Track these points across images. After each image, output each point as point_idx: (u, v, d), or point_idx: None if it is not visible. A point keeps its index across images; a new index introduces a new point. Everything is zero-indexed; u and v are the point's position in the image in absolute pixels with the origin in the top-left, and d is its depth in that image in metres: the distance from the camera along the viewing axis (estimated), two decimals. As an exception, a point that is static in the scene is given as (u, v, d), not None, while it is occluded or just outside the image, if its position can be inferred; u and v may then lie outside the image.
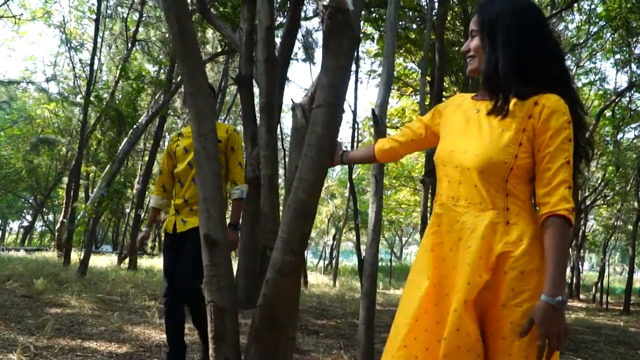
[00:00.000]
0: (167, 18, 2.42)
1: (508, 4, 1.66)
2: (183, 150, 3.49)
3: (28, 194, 24.48)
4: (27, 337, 4.23)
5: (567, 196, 1.50)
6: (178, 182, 3.48)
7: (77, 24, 20.18)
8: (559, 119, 1.53)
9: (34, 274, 8.47)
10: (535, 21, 1.64)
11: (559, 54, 1.66)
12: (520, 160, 1.57)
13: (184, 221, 3.38)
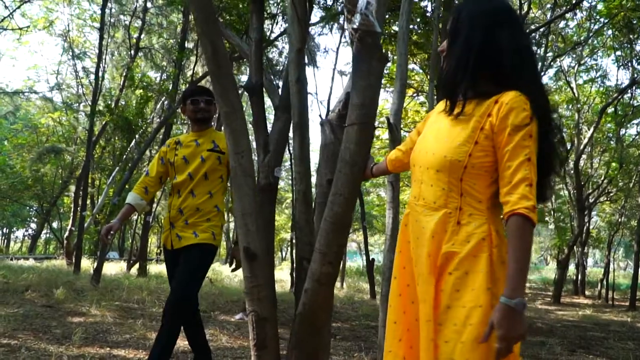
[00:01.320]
0: (201, 41, 2.55)
1: (474, 6, 1.67)
2: (183, 160, 3.31)
3: (34, 203, 24.60)
4: (57, 347, 4.36)
5: (527, 194, 1.45)
6: (176, 193, 3.30)
7: (79, 32, 20.34)
8: (517, 115, 1.50)
9: (50, 283, 8.60)
10: (499, 22, 1.61)
11: (525, 53, 1.61)
12: (475, 158, 1.55)
13: (179, 237, 3.21)
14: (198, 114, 3.35)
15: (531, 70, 1.59)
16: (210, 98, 3.37)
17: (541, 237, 39.75)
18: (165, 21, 17.99)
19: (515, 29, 1.62)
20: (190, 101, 3.36)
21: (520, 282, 1.44)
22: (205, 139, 3.34)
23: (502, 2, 1.67)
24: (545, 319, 10.06)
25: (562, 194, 20.24)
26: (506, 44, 1.58)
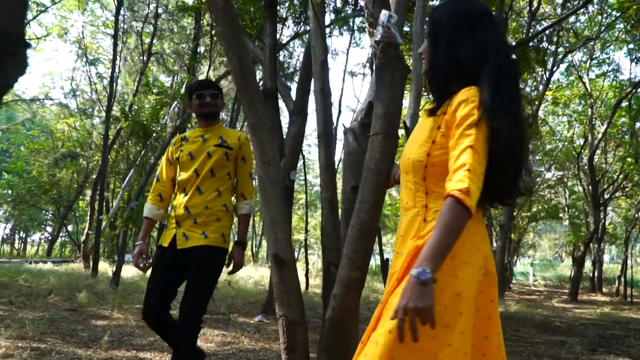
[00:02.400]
0: (228, 55, 2.64)
1: (450, 7, 1.70)
2: (188, 156, 3.10)
3: (50, 207, 24.91)
4: (85, 350, 4.47)
5: (463, 178, 1.42)
6: (182, 191, 3.08)
7: (93, 39, 20.57)
8: (465, 108, 1.51)
9: (71, 287, 8.75)
10: (467, 24, 1.63)
11: (489, 53, 1.60)
12: (434, 157, 1.58)
13: (185, 236, 2.97)
14: (204, 109, 3.13)
15: (493, 70, 1.57)
16: (217, 92, 3.16)
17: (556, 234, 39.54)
18: (176, 26, 18.17)
19: (484, 31, 1.63)
20: (195, 96, 3.15)
21: (432, 255, 1.41)
22: (212, 134, 3.13)
23: (473, 5, 1.68)
24: (563, 317, 10.07)
25: (577, 190, 20.18)
26: (470, 45, 1.61)
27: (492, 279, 1.57)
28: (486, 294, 1.55)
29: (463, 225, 1.43)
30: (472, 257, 1.52)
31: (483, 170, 1.46)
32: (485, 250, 1.56)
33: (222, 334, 5.73)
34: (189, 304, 2.85)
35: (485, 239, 1.59)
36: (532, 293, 19.32)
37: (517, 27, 13.34)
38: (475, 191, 1.42)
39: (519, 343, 6.43)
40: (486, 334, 1.55)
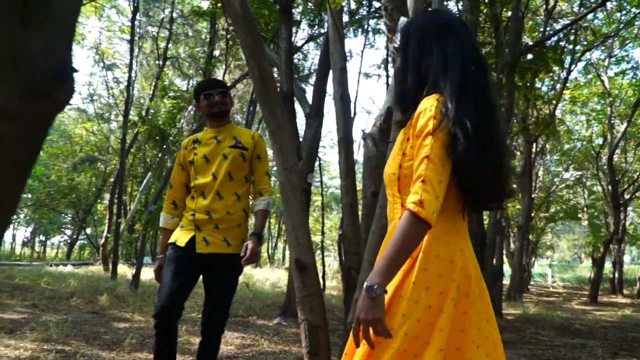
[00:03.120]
0: (248, 63, 2.68)
1: (419, 21, 1.74)
2: (203, 159, 3.02)
3: (69, 210, 25.26)
4: (109, 353, 4.55)
5: (417, 190, 1.45)
6: (200, 195, 2.99)
7: (109, 44, 20.83)
8: (422, 118, 1.52)
9: (92, 290, 8.88)
10: (439, 35, 1.65)
11: (467, 62, 1.61)
12: (404, 169, 1.59)
13: (206, 241, 2.90)
14: (214, 109, 3.02)
15: (457, 79, 1.57)
16: (224, 89, 3.06)
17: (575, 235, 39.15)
18: (191, 30, 18.34)
19: (451, 42, 1.63)
20: (203, 96, 3.05)
21: (382, 269, 1.44)
22: (225, 135, 3.05)
23: (442, 18, 1.71)
24: (583, 319, 9.98)
25: (596, 190, 19.97)
26: (436, 57, 1.62)
27: (467, 290, 1.55)
28: (460, 308, 1.54)
29: (419, 236, 1.45)
30: (445, 269, 1.52)
31: (442, 177, 1.47)
32: (460, 261, 1.55)
33: (241, 337, 5.78)
34: (215, 313, 2.87)
35: (463, 248, 1.58)
36: (550, 295, 19.16)
37: (534, 25, 13.26)
38: (430, 201, 1.43)
39: (539, 346, 6.40)
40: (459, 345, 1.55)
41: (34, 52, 0.69)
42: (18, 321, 5.69)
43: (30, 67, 0.69)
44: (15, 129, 0.68)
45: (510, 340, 6.70)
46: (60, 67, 0.71)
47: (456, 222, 1.58)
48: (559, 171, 21.56)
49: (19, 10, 0.67)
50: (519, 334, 7.29)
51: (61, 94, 0.72)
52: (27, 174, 0.74)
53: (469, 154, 1.48)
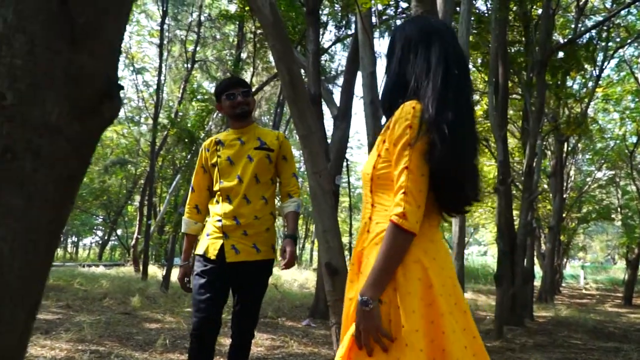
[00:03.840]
0: (278, 68, 2.71)
1: (404, 28, 1.74)
2: (227, 162, 2.91)
3: (101, 212, 25.75)
4: (142, 354, 4.63)
5: (399, 201, 1.50)
6: (225, 199, 2.88)
7: (138, 48, 21.19)
8: (399, 127, 1.55)
9: (124, 290, 9.05)
10: (422, 41, 1.66)
11: (449, 68, 1.61)
12: (378, 170, 1.62)
13: (235, 249, 2.80)
14: (237, 109, 2.92)
15: (440, 86, 1.58)
16: (247, 89, 2.96)
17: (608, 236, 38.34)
18: (218, 33, 18.53)
19: (434, 48, 1.64)
20: (225, 96, 2.95)
21: (374, 282, 1.51)
22: (249, 135, 2.95)
23: (426, 23, 1.72)
24: (617, 322, 9.78)
25: (630, 190, 19.52)
26: (418, 63, 1.63)
27: (435, 290, 1.56)
28: (434, 307, 1.55)
29: (403, 247, 1.51)
30: (411, 271, 1.55)
31: (422, 187, 1.51)
32: (426, 262, 1.56)
33: (271, 338, 5.82)
34: (245, 320, 2.82)
35: (425, 252, 1.58)
36: (583, 297, 18.81)
37: (565, 22, 13.04)
38: (412, 211, 1.48)
39: (572, 350, 6.29)
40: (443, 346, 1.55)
41: (84, 71, 0.72)
42: (53, 322, 5.83)
43: (81, 86, 0.72)
44: (67, 145, 0.71)
45: (541, 343, 6.60)
46: (107, 84, 0.74)
47: (423, 226, 1.56)
48: (591, 171, 21.13)
49: (70, 32, 0.70)
50: (550, 337, 7.18)
51: (108, 110, 0.75)
52: (77, 189, 0.77)
53: (447, 161, 1.51)
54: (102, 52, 0.75)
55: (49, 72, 0.70)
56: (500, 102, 8.34)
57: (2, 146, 0.68)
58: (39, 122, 0.70)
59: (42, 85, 0.70)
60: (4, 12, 0.71)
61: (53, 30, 0.71)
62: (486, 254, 46.88)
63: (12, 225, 0.68)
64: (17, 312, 0.69)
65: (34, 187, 0.70)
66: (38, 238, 0.72)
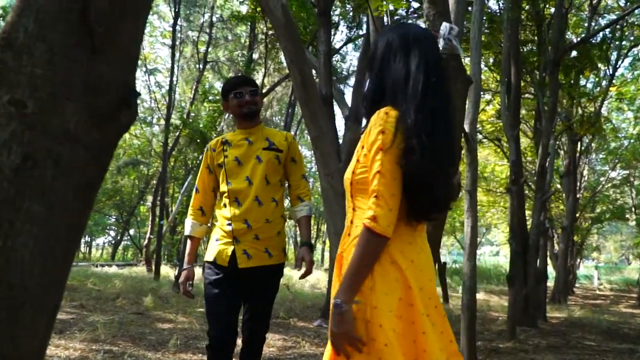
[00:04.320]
0: (290, 69, 2.72)
1: (387, 35, 1.76)
2: (235, 162, 2.78)
3: (114, 212, 25.95)
4: (154, 354, 4.67)
5: (371, 205, 1.52)
6: (233, 202, 2.75)
7: (151, 49, 21.33)
8: (372, 133, 1.57)
9: (136, 290, 9.12)
10: (402, 48, 1.67)
11: (429, 75, 1.64)
12: (357, 175, 1.64)
13: (247, 254, 2.68)
14: (244, 109, 2.81)
15: (419, 94, 1.60)
16: (255, 88, 2.87)
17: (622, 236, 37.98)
18: (230, 34, 18.60)
19: (413, 54, 1.66)
20: (232, 95, 2.83)
21: (347, 286, 1.53)
22: (257, 136, 2.84)
23: (408, 30, 1.73)
24: (631, 323, 9.68)
25: (644, 190, 19.33)
26: (397, 69, 1.65)
27: (415, 291, 1.58)
28: (415, 307, 1.58)
29: (376, 250, 1.54)
30: (387, 272, 1.57)
31: (394, 191, 1.53)
32: (403, 263, 1.59)
33: (282, 339, 5.84)
34: (258, 325, 2.75)
35: (401, 253, 1.60)
36: (597, 297, 18.66)
37: (578, 21, 12.93)
38: (384, 215, 1.51)
39: (585, 351, 6.24)
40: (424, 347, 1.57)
41: (103, 80, 0.73)
42: (67, 321, 5.88)
43: (99, 95, 0.73)
44: (86, 154, 0.72)
45: (555, 344, 6.56)
46: (125, 92, 0.75)
47: (400, 229, 1.59)
48: (605, 170, 20.96)
49: (89, 41, 0.71)
50: (564, 338, 7.13)
51: (125, 117, 0.76)
52: (94, 197, 0.78)
53: (424, 167, 1.54)
54: (120, 60, 0.76)
55: (69, 81, 0.72)
56: (512, 102, 8.29)
57: (24, 154, 0.69)
58: (58, 130, 0.71)
59: (62, 94, 0.72)
60: (25, 21, 0.72)
61: (73, 40, 0.72)
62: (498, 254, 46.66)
63: (33, 231, 0.70)
64: (38, 317, 0.71)
65: (54, 195, 0.71)
66: (57, 244, 0.73)
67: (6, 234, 0.68)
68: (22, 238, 0.69)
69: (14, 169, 0.69)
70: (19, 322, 0.68)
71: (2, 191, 0.68)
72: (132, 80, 0.78)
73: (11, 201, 0.69)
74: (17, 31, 0.72)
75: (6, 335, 0.67)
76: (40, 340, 0.72)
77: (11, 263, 0.68)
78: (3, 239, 0.68)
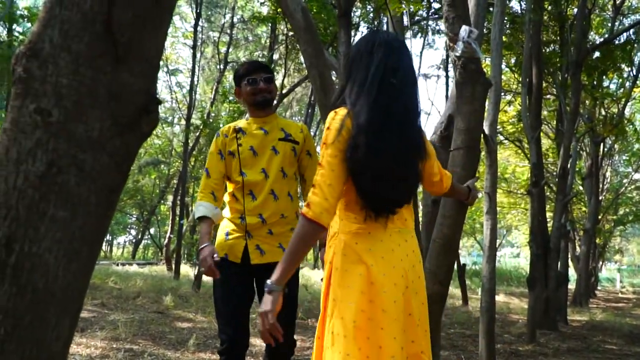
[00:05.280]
0: (310, 72, 2.73)
1: (356, 42, 1.87)
2: (250, 152, 2.60)
3: (134, 211, 26.25)
4: (174, 352, 4.71)
5: (310, 193, 1.63)
6: (248, 194, 2.57)
7: (172, 50, 21.54)
8: (324, 131, 1.71)
9: (157, 289, 9.21)
10: (367, 52, 1.75)
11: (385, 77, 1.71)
12: None
13: (260, 249, 2.52)
14: (258, 96, 2.63)
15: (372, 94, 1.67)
16: (270, 75, 2.70)
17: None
18: (251, 35, 18.70)
19: (376, 58, 1.73)
20: (246, 81, 2.64)
21: (282, 269, 1.63)
22: (272, 125, 2.67)
23: (374, 37, 1.80)
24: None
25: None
26: (359, 72, 1.73)
27: (379, 287, 1.64)
28: (377, 303, 1.63)
29: (310, 235, 1.62)
30: (350, 266, 1.66)
31: (331, 181, 1.61)
32: (369, 259, 1.65)
33: (301, 339, 5.85)
34: (286, 328, 2.31)
35: (370, 251, 1.67)
36: (619, 300, 18.36)
37: (601, 22, 12.76)
38: (318, 202, 1.59)
39: (606, 355, 6.16)
40: (380, 343, 1.61)
41: (125, 89, 0.75)
42: (88, 320, 5.97)
43: (122, 103, 0.75)
44: (109, 160, 0.75)
45: (575, 348, 6.48)
46: (147, 100, 0.77)
47: (369, 224, 1.68)
48: (628, 172, 20.64)
49: (113, 51, 0.73)
50: (585, 342, 7.03)
51: (147, 124, 0.78)
52: (117, 201, 0.81)
53: (367, 163, 1.62)
54: (143, 69, 0.78)
55: (93, 90, 0.74)
56: (533, 104, 8.21)
57: (48, 161, 0.72)
58: (82, 138, 0.73)
59: (86, 103, 0.74)
60: (50, 32, 0.74)
61: (97, 50, 0.74)
62: (519, 255, 46.18)
63: (57, 236, 0.72)
64: (62, 320, 0.73)
65: (77, 200, 0.74)
66: (81, 248, 0.75)
67: (31, 240, 0.71)
68: (46, 243, 0.72)
69: (39, 176, 0.72)
70: (44, 325, 0.70)
71: (27, 197, 0.71)
72: (154, 89, 0.80)
73: (36, 207, 0.71)
74: (42, 41, 0.75)
75: (32, 338, 0.69)
76: (64, 342, 0.74)
77: (36, 268, 0.71)
78: (28, 244, 0.70)
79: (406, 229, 1.75)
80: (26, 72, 0.74)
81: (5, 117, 0.74)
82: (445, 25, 2.44)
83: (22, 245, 0.70)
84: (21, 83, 0.73)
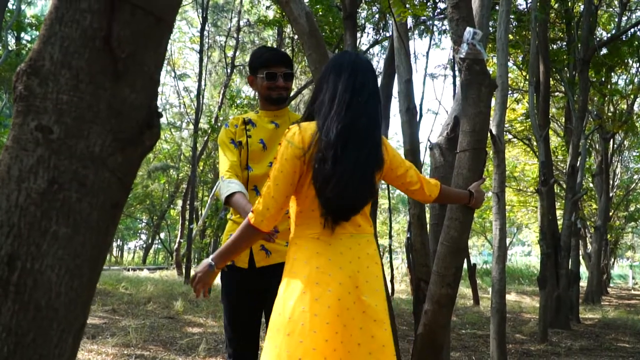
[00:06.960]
0: (314, 77, 2.72)
1: (328, 62, 2.00)
2: (260, 145, 2.44)
3: (144, 216, 26.36)
4: (184, 358, 4.73)
5: (256, 203, 1.81)
6: (252, 190, 2.40)
7: (179, 54, 21.63)
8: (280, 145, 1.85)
9: (167, 294, 9.24)
10: (335, 72, 1.88)
11: (353, 95, 1.83)
12: None
13: (266, 250, 2.35)
14: (274, 93, 2.45)
15: (341, 112, 1.80)
16: (291, 71, 2.50)
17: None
18: (257, 38, 18.75)
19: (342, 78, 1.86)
20: (264, 75, 2.43)
21: (222, 254, 1.92)
22: (284, 119, 2.51)
23: (342, 57, 1.93)
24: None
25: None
26: (327, 90, 1.87)
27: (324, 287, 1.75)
28: (322, 300, 1.74)
29: (248, 236, 1.85)
30: (299, 268, 1.79)
31: (274, 194, 1.78)
32: (316, 262, 1.78)
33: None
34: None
35: (317, 254, 1.80)
36: (632, 297, 18.20)
37: (608, 17, 12.68)
38: (259, 211, 1.79)
39: (619, 353, 6.11)
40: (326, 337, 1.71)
41: (126, 104, 0.76)
42: (99, 326, 6.00)
43: (123, 119, 0.76)
44: (110, 176, 0.75)
45: (588, 346, 6.43)
46: (148, 115, 0.78)
47: (321, 230, 1.81)
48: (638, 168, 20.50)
49: (113, 67, 0.74)
50: (597, 340, 6.99)
51: (148, 138, 0.78)
52: (119, 216, 0.81)
53: (332, 175, 1.74)
54: (143, 84, 0.78)
55: (94, 106, 0.75)
56: (541, 102, 8.16)
57: (50, 178, 0.72)
58: (83, 154, 0.74)
59: (87, 119, 0.74)
60: (51, 49, 0.75)
61: (97, 66, 0.75)
62: (530, 254, 45.93)
63: (59, 253, 0.72)
64: (65, 336, 0.73)
65: (79, 216, 0.74)
66: (83, 264, 0.76)
67: (34, 257, 0.71)
68: (48, 260, 0.72)
69: (40, 193, 0.72)
70: (47, 342, 0.71)
71: (29, 215, 0.71)
72: (154, 103, 0.80)
73: (38, 224, 0.72)
74: (43, 59, 0.75)
75: (35, 355, 0.69)
76: (67, 359, 0.74)
77: (39, 285, 0.71)
78: (31, 261, 0.71)
79: (359, 234, 1.86)
80: (27, 89, 0.74)
81: (8, 135, 0.75)
82: (449, 26, 2.43)
83: (24, 263, 0.71)
84: (22, 100, 0.74)
